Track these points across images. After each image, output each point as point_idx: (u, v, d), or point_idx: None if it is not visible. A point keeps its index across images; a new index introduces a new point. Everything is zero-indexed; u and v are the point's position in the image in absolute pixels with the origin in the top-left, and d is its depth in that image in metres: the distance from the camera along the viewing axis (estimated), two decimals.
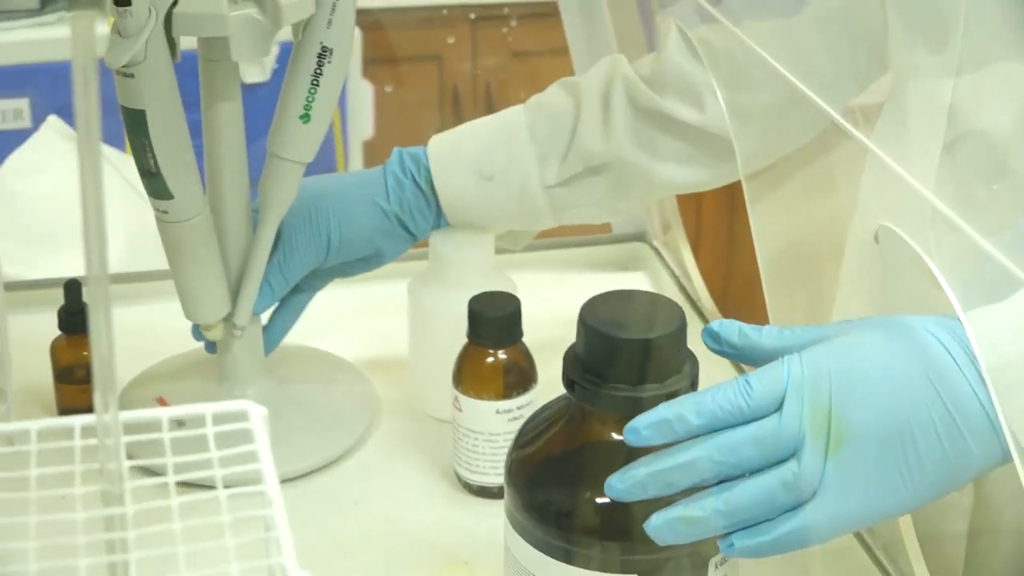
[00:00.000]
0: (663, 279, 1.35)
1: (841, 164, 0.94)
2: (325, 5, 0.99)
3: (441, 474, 1.08)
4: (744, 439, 0.74)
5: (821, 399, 0.74)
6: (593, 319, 0.78)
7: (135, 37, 0.94)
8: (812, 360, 0.75)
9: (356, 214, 1.12)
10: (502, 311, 1.03)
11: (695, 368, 0.79)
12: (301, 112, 1.03)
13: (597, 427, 0.79)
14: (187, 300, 1.07)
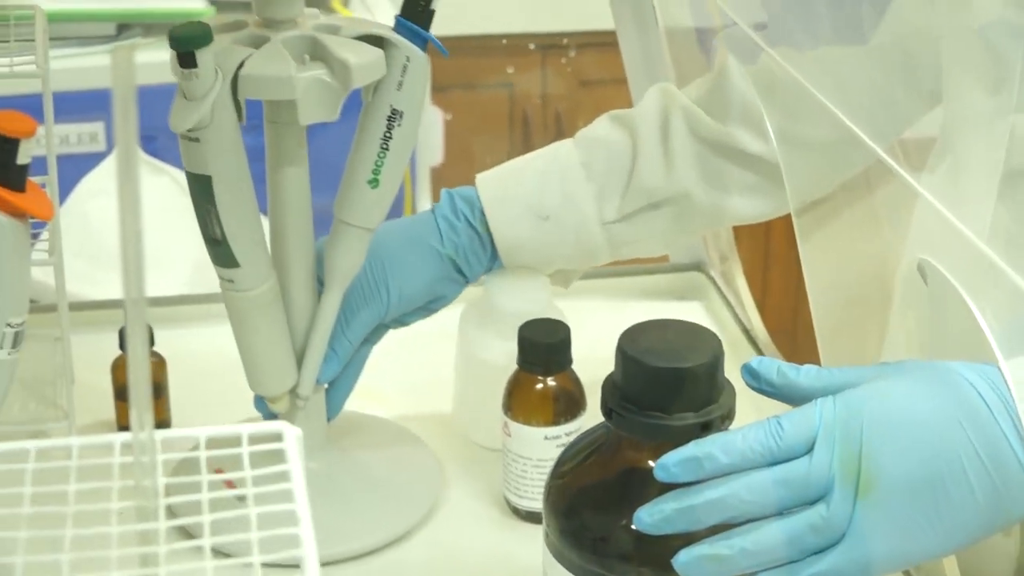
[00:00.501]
0: (719, 309, 1.36)
1: (892, 200, 0.94)
2: (396, 67, 0.97)
3: (492, 500, 1.09)
4: (774, 480, 0.74)
5: (852, 443, 0.74)
6: (631, 347, 0.79)
7: (201, 100, 0.91)
8: (845, 403, 0.76)
9: (412, 263, 1.10)
10: (552, 338, 1.04)
11: (732, 398, 0.80)
12: (369, 177, 1.00)
13: (633, 454, 0.80)
14: (252, 371, 1.04)
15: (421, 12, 0.97)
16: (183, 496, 0.62)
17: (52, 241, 1.11)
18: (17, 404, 1.15)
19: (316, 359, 1.04)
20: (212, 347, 1.22)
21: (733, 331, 1.31)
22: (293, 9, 0.97)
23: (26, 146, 0.78)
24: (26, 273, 0.82)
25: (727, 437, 0.75)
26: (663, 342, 0.80)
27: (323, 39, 0.95)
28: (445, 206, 1.12)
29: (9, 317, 0.81)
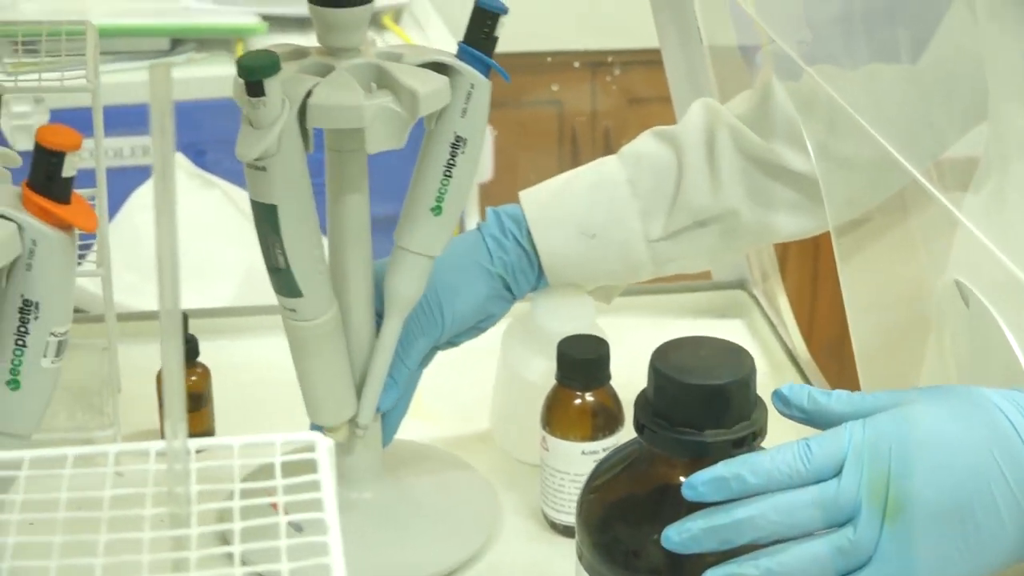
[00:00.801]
0: (761, 328, 1.36)
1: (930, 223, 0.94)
2: (460, 94, 0.97)
3: (529, 513, 1.10)
4: (802, 502, 0.75)
5: (881, 467, 0.75)
6: (663, 364, 0.80)
7: (268, 129, 0.90)
8: (875, 428, 0.76)
9: (464, 284, 1.09)
10: (591, 354, 1.05)
11: (764, 415, 0.80)
12: (432, 204, 1.00)
13: (665, 470, 0.80)
14: (312, 401, 1.03)
15: (484, 39, 0.97)
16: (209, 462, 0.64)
17: (100, 253, 1.13)
18: (64, 412, 1.17)
19: (376, 387, 1.04)
20: (258, 359, 1.24)
21: (775, 350, 1.32)
22: (356, 38, 0.97)
23: (71, 159, 0.80)
24: (70, 284, 0.83)
25: (756, 458, 0.76)
26: (696, 359, 0.80)
27: (388, 67, 0.95)
28: (492, 225, 1.11)
29: (53, 327, 0.83)
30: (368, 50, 0.98)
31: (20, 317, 0.82)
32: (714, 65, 1.31)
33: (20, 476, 0.63)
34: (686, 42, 1.34)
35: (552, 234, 1.10)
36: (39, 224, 0.80)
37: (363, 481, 1.07)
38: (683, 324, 1.36)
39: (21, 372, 0.83)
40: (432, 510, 1.09)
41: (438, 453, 1.16)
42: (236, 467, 0.65)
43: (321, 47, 0.98)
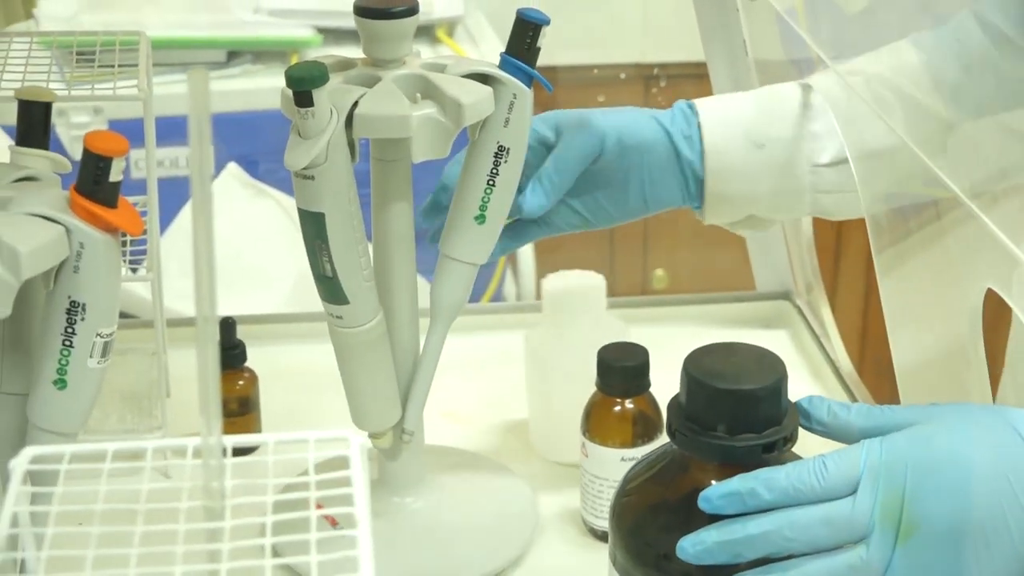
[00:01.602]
0: (805, 338, 1.36)
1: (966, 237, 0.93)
2: (503, 104, 0.98)
3: (569, 519, 1.10)
4: (816, 519, 0.76)
5: (895, 487, 0.75)
6: (696, 369, 0.81)
7: (316, 139, 0.92)
8: (891, 447, 0.76)
9: (631, 120, 1.08)
10: (631, 361, 1.05)
11: (795, 421, 0.81)
12: (476, 213, 1.00)
13: (697, 474, 0.81)
14: (358, 408, 1.04)
15: (527, 49, 0.98)
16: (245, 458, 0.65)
17: (150, 259, 1.15)
18: (115, 415, 1.19)
19: (423, 395, 1.05)
20: (307, 365, 1.25)
21: (818, 362, 1.32)
22: (402, 49, 0.98)
23: (118, 164, 0.81)
24: (116, 286, 0.84)
25: (772, 473, 0.77)
26: (728, 364, 0.81)
27: (433, 78, 0.96)
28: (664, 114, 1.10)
29: (100, 327, 0.84)
30: (413, 61, 0.99)
31: (67, 318, 0.83)
32: (760, 78, 1.31)
33: (61, 469, 0.64)
34: (732, 55, 1.35)
35: (720, 132, 1.08)
36: (86, 227, 0.82)
37: (407, 486, 1.08)
38: (727, 334, 1.36)
39: (68, 372, 0.84)
40: (474, 516, 1.10)
41: (479, 459, 1.17)
42: (270, 463, 0.67)
43: (367, 58, 0.99)
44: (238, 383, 1.18)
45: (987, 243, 0.87)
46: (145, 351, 1.26)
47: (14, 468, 0.64)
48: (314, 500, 0.64)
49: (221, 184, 1.83)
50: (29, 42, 1.18)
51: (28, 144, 0.90)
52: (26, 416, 0.86)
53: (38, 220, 0.81)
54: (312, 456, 0.66)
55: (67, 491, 0.64)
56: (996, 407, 0.79)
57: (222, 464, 0.62)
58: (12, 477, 0.63)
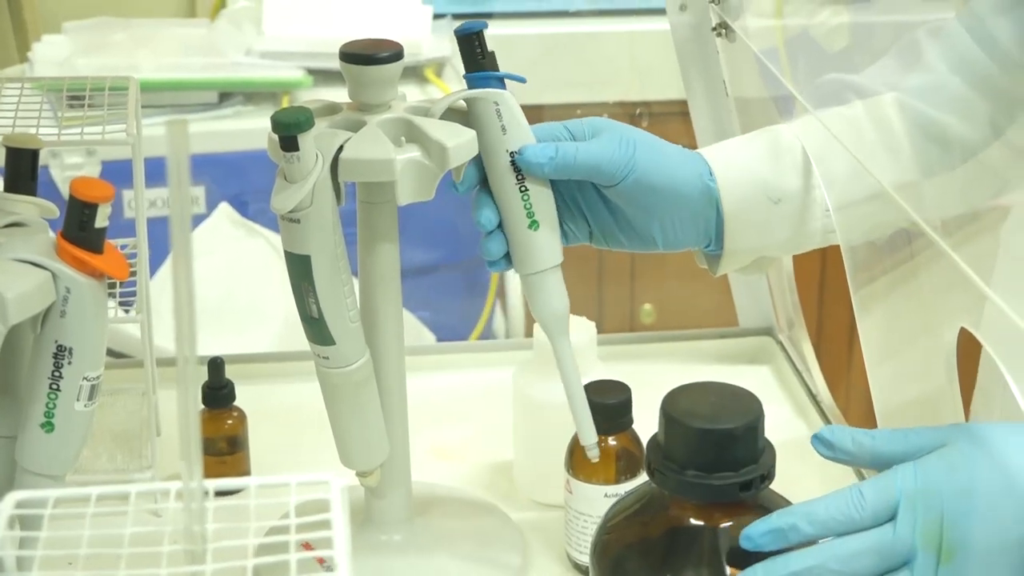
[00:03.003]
0: (787, 374, 1.36)
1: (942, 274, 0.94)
2: (491, 117, 0.98)
3: (555, 555, 1.10)
4: (860, 549, 0.76)
5: (934, 513, 0.75)
6: (673, 409, 0.81)
7: (302, 183, 0.91)
8: (925, 472, 0.77)
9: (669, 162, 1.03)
10: (613, 399, 1.05)
11: (772, 458, 0.81)
12: (527, 222, 0.99)
13: (676, 512, 0.81)
14: (345, 447, 1.03)
15: (482, 58, 0.98)
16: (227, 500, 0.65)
17: (139, 300, 1.15)
18: (105, 454, 1.18)
19: (584, 408, 1.02)
20: (295, 403, 1.25)
21: (800, 396, 1.32)
22: (387, 94, 0.98)
23: (104, 210, 0.81)
24: (103, 330, 0.85)
25: (809, 507, 0.77)
26: (705, 404, 0.81)
27: (417, 121, 0.96)
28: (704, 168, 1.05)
29: (86, 371, 0.84)
30: (398, 105, 0.99)
31: (54, 362, 0.83)
32: (740, 117, 1.32)
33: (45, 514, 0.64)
34: (712, 94, 1.35)
35: (739, 193, 1.04)
36: (72, 272, 0.82)
37: (394, 524, 1.08)
38: (711, 369, 1.36)
39: (55, 415, 0.84)
40: (460, 552, 1.09)
41: (465, 495, 1.17)
42: (252, 507, 0.67)
43: (353, 103, 0.99)
44: (227, 422, 1.17)
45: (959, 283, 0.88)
46: (136, 391, 1.26)
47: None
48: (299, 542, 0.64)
49: (213, 223, 1.84)
50: (20, 87, 1.19)
51: (16, 190, 0.90)
52: (14, 459, 0.86)
53: (25, 266, 0.82)
54: (294, 500, 0.66)
55: (51, 536, 0.64)
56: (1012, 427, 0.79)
57: (203, 508, 0.63)
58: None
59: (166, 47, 2.10)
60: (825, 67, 1.22)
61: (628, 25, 2.23)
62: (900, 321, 1.00)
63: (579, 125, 1.03)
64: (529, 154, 0.98)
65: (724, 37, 1.31)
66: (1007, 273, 0.96)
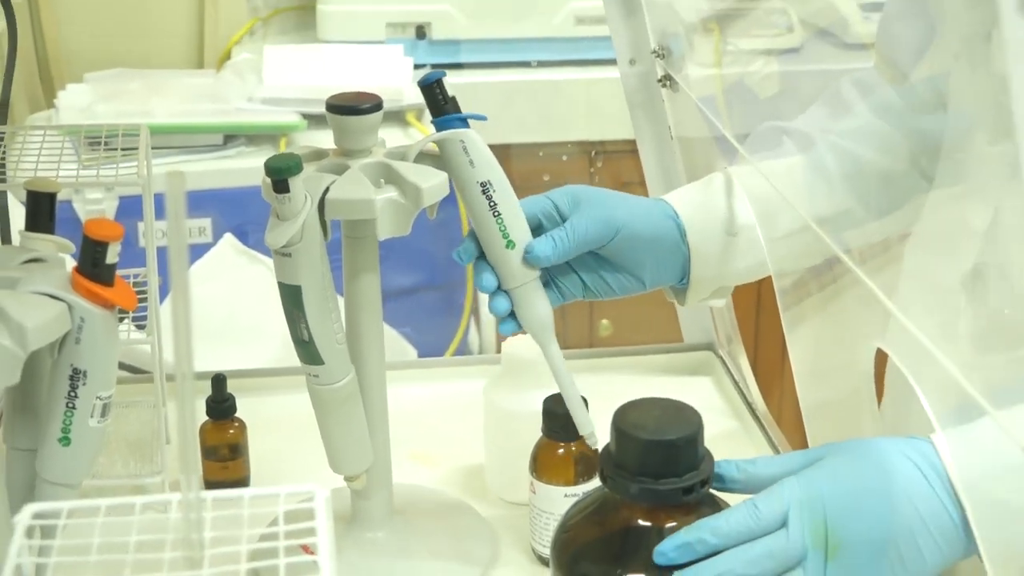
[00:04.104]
0: (726, 384, 1.35)
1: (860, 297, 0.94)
2: (459, 155, 0.97)
3: (521, 548, 1.09)
4: (760, 553, 0.77)
5: (818, 515, 0.77)
6: (623, 422, 0.80)
7: (292, 220, 0.91)
8: (808, 481, 0.78)
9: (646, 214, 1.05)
10: None
11: (711, 465, 0.80)
12: (504, 243, 0.99)
13: (626, 513, 0.80)
14: (334, 454, 1.02)
15: (445, 103, 0.97)
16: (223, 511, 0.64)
17: (150, 323, 1.14)
18: (120, 461, 1.17)
19: (577, 401, 1.02)
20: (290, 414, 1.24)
21: (738, 404, 1.31)
22: (368, 140, 0.98)
23: (114, 248, 0.80)
24: (114, 354, 0.84)
25: (712, 522, 0.77)
26: (651, 418, 0.81)
27: (395, 165, 0.96)
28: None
29: (99, 391, 0.83)
30: (378, 150, 0.99)
31: (70, 383, 0.82)
32: (683, 156, 1.32)
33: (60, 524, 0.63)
34: (659, 136, 1.35)
35: (700, 229, 1.06)
36: (86, 304, 0.81)
37: (378, 522, 1.07)
38: (659, 381, 1.36)
39: (71, 431, 0.83)
40: (437, 547, 1.08)
41: (441, 496, 1.16)
42: (246, 516, 0.65)
43: (338, 148, 0.99)
44: (228, 431, 1.16)
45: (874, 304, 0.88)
46: (147, 403, 1.25)
47: (17, 523, 0.63)
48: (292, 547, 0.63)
49: (218, 252, 1.82)
50: (43, 133, 1.18)
51: (36, 229, 0.89)
52: (35, 469, 0.85)
53: (43, 298, 0.80)
54: (282, 508, 0.65)
55: (64, 544, 0.63)
56: (880, 440, 0.80)
57: (201, 518, 0.61)
58: (15, 531, 0.62)
59: (177, 94, 2.09)
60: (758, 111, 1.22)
61: (584, 74, 2.23)
62: (823, 338, 1.00)
63: (561, 196, 1.04)
64: (537, 251, 0.99)
65: (668, 87, 1.31)
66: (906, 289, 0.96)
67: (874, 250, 0.96)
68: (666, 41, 1.31)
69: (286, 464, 1.20)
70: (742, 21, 1.64)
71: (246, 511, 0.66)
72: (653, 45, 1.31)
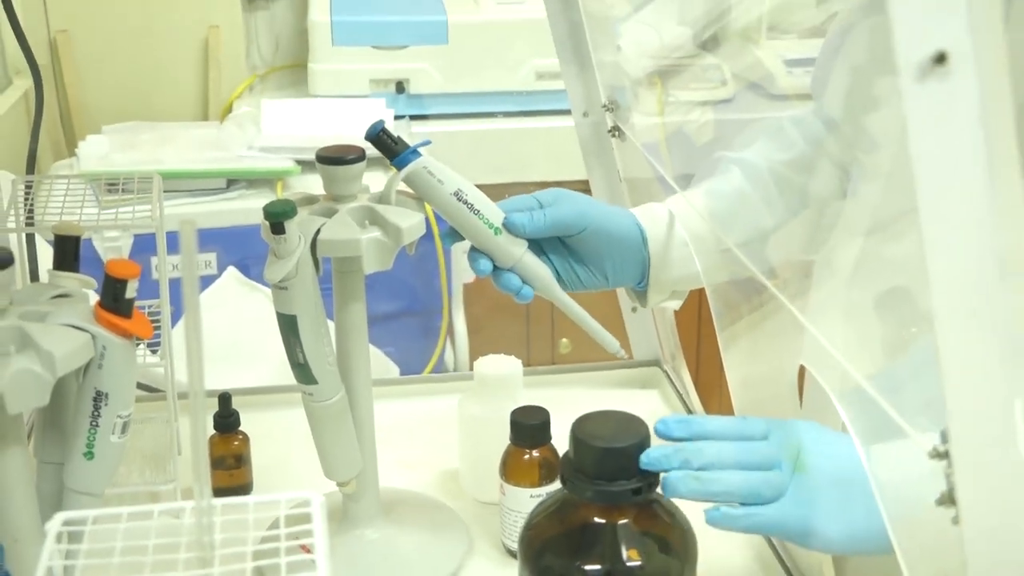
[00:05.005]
0: (671, 396, 1.35)
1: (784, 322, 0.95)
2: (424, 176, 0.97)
3: (492, 543, 1.10)
4: (748, 449, 0.80)
5: (793, 443, 0.81)
6: (580, 432, 0.81)
7: (288, 258, 0.91)
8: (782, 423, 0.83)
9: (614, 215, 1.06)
10: (536, 420, 1.05)
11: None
12: (491, 233, 0.99)
13: (584, 512, 0.81)
14: (327, 463, 1.02)
15: (396, 144, 0.97)
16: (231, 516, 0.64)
17: (163, 348, 1.14)
18: (137, 471, 1.17)
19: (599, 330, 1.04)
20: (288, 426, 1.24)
21: (680, 412, 1.32)
22: (354, 187, 0.98)
23: (132, 284, 0.81)
24: (133, 378, 0.84)
25: (708, 419, 0.82)
26: (605, 428, 0.81)
27: (378, 208, 0.96)
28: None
29: (119, 411, 0.83)
30: (363, 196, 0.99)
31: (94, 404, 0.82)
32: (630, 194, 1.33)
33: (86, 530, 0.63)
34: (609, 178, 1.36)
35: (659, 238, 1.08)
36: (107, 334, 0.81)
37: (367, 521, 1.07)
38: (612, 393, 1.37)
39: (95, 446, 0.83)
40: (419, 541, 1.08)
41: (422, 498, 1.16)
42: (251, 520, 0.66)
43: (327, 194, 0.99)
44: (234, 443, 1.17)
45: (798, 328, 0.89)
46: (161, 419, 1.25)
47: (49, 529, 0.63)
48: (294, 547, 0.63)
49: (223, 283, 1.82)
50: (67, 180, 1.18)
51: (63, 268, 0.89)
52: (62, 480, 0.85)
53: (69, 329, 0.81)
54: (283, 513, 0.65)
55: (90, 548, 0.63)
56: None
57: (212, 523, 0.62)
58: (47, 537, 0.62)
59: (185, 144, 2.09)
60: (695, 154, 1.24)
61: (543, 123, 2.25)
62: (753, 354, 1.01)
63: (544, 193, 1.05)
64: (513, 219, 1.00)
65: (617, 137, 1.32)
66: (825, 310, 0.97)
67: (797, 273, 0.97)
68: (615, 95, 1.32)
69: (285, 471, 1.20)
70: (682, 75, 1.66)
71: (251, 516, 0.66)
72: (603, 100, 1.32)
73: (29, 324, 0.80)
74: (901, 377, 0.75)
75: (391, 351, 1.92)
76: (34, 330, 0.79)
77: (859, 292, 0.95)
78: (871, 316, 0.92)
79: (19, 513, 0.82)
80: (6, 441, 0.81)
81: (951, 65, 0.45)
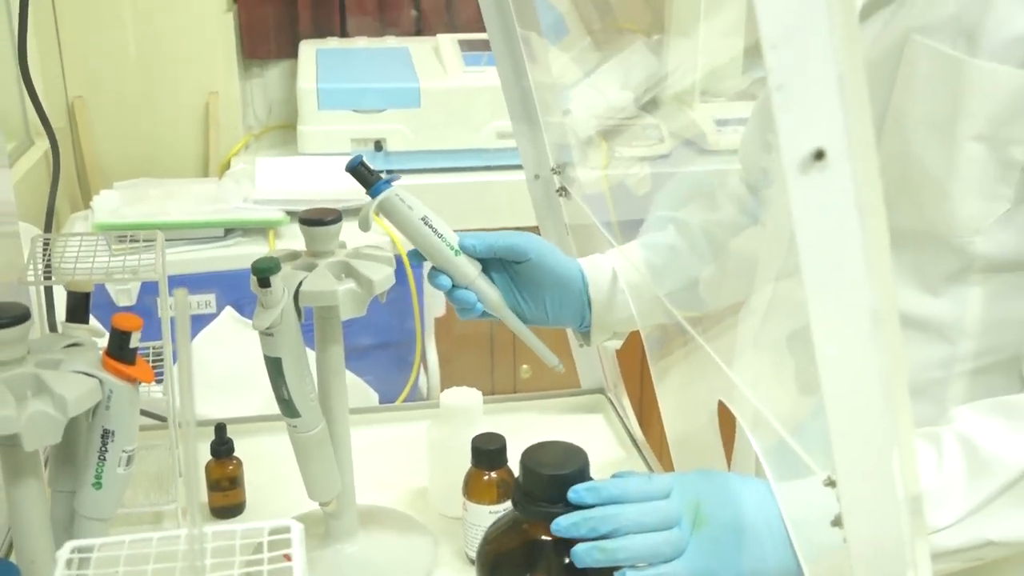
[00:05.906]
0: (613, 420, 1.35)
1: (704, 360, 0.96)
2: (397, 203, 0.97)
3: (456, 553, 1.10)
4: (649, 509, 0.78)
5: (692, 498, 0.78)
6: (529, 460, 0.82)
7: (274, 308, 0.92)
8: (683, 476, 0.80)
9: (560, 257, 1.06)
10: (494, 445, 1.06)
11: None
12: (451, 253, 0.99)
13: (532, 531, 0.82)
14: (310, 485, 1.02)
15: (371, 176, 0.98)
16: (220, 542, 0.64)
17: (165, 383, 1.14)
18: (142, 493, 1.17)
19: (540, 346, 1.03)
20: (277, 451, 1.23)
21: (623, 436, 1.32)
22: (332, 244, 0.99)
23: (135, 336, 0.81)
24: (136, 417, 0.84)
25: (616, 482, 0.79)
26: (550, 456, 0.82)
27: (353, 263, 0.97)
28: None
29: (124, 446, 0.84)
30: (340, 252, 1.00)
31: (101, 441, 0.83)
32: (575, 241, 1.33)
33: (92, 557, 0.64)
34: (557, 228, 1.37)
35: (599, 285, 1.08)
36: (113, 379, 0.82)
37: (346, 536, 1.07)
38: (562, 419, 1.36)
39: (103, 477, 0.84)
40: (392, 554, 1.09)
41: (395, 513, 1.16)
42: (238, 545, 0.67)
43: (308, 251, 1.00)
44: (228, 467, 1.17)
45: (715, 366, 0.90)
46: (164, 446, 1.25)
47: (59, 556, 0.63)
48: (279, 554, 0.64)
49: (220, 321, 1.82)
50: (81, 235, 1.18)
51: (74, 320, 0.90)
52: (73, 507, 0.85)
53: (80, 375, 0.81)
54: (266, 539, 0.66)
55: (97, 572, 0.63)
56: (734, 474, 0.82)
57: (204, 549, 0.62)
58: (58, 563, 0.63)
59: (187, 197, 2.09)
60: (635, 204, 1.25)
61: (504, 176, 2.26)
62: (680, 389, 1.02)
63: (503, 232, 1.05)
64: (464, 241, 1.01)
65: (564, 196, 1.33)
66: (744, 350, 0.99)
67: (719, 317, 0.99)
68: (563, 155, 1.34)
69: (275, 490, 1.19)
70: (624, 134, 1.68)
71: (238, 541, 0.67)
72: (552, 163, 1.33)
73: (44, 371, 0.80)
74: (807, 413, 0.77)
75: (371, 379, 1.92)
76: (48, 377, 0.80)
77: (774, 331, 0.96)
78: (785, 354, 0.94)
79: (36, 538, 0.82)
80: (24, 474, 0.82)
81: (829, 160, 0.46)
